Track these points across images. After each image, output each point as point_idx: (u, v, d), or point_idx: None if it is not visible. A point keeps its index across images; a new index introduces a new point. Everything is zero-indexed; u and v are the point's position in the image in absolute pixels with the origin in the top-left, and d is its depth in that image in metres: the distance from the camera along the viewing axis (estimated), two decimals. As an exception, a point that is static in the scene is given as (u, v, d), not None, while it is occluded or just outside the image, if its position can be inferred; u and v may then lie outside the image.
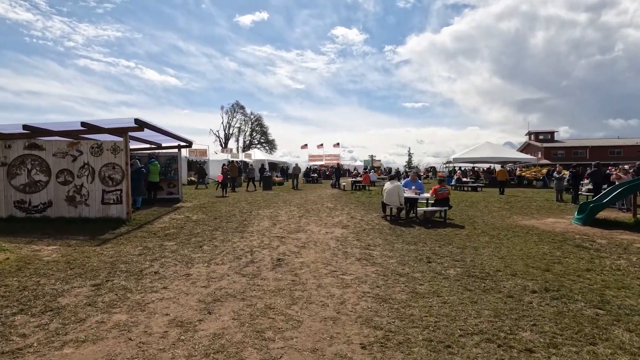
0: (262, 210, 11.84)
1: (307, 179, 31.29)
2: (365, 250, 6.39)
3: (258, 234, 7.71)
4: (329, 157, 57.31)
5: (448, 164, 32.94)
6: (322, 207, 12.95)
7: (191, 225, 8.74)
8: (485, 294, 4.16)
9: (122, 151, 8.75)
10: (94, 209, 8.75)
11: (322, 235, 7.73)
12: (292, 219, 9.94)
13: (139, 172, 11.12)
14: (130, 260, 5.41)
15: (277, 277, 4.76)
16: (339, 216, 10.61)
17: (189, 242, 6.82)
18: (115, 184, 8.78)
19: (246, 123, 68.08)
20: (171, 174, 14.13)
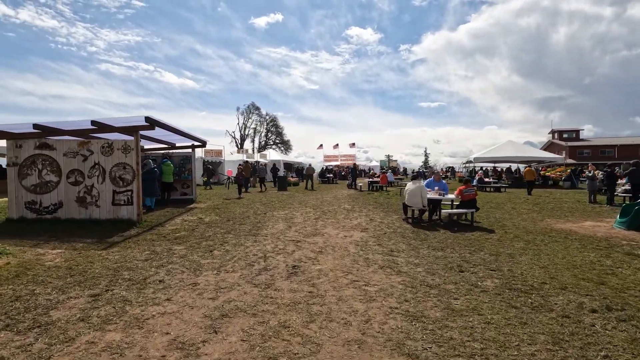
0: (277, 211, 11.41)
1: (322, 180, 30.80)
2: (388, 257, 5.84)
3: (272, 238, 7.26)
4: (344, 158, 56.70)
5: (468, 163, 31.88)
6: (339, 208, 12.43)
7: (203, 227, 8.37)
8: (534, 312, 3.57)
9: (133, 150, 8.46)
10: (104, 210, 8.48)
11: (341, 239, 7.22)
12: (308, 221, 9.46)
13: (152, 172, 10.85)
14: (135, 267, 5.03)
15: (292, 288, 4.28)
16: (357, 218, 10.07)
17: (199, 246, 6.43)
18: (126, 185, 8.50)
19: (261, 124, 68.24)
20: (185, 174, 13.88)
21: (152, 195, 10.99)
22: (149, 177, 10.72)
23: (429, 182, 10.20)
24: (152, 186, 10.86)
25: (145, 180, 10.73)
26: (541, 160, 28.51)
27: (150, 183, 10.72)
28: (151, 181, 10.78)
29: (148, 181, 10.69)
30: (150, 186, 10.82)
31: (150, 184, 10.77)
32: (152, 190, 10.91)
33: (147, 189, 10.67)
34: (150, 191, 10.82)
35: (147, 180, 10.73)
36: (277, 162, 35.93)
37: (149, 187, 10.77)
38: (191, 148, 13.89)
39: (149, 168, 10.77)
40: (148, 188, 10.67)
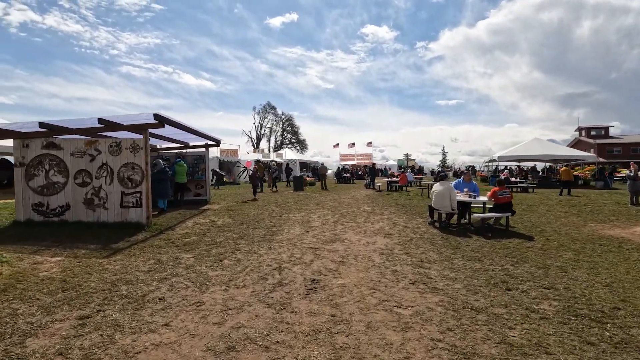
0: (293, 214, 10.82)
1: (339, 179, 30.12)
2: (419, 269, 5.15)
3: (288, 244, 6.65)
4: (360, 157, 55.83)
5: (491, 162, 30.59)
6: (358, 210, 11.74)
7: (215, 231, 7.85)
8: (618, 350, 2.83)
9: (142, 150, 8.01)
10: (112, 212, 8.06)
11: (363, 247, 6.55)
12: (327, 225, 8.82)
13: (163, 172, 10.42)
14: (135, 280, 4.50)
15: (311, 310, 3.65)
16: (379, 222, 9.37)
17: (208, 254, 5.87)
18: (134, 186, 8.05)
19: (277, 123, 68.16)
20: (198, 174, 13.46)
21: (164, 197, 10.55)
22: (160, 178, 10.30)
23: (458, 183, 9.40)
24: (164, 187, 10.43)
25: (156, 180, 10.32)
26: (569, 159, 27.02)
27: (161, 184, 10.30)
28: (163, 182, 10.35)
29: (159, 182, 10.28)
30: (162, 187, 10.39)
31: (162, 185, 10.35)
32: (164, 191, 10.49)
33: (158, 190, 10.26)
34: (162, 192, 10.40)
35: (158, 181, 10.32)
36: (293, 161, 35.48)
37: (161, 188, 10.35)
38: (205, 147, 13.45)
39: (159, 168, 10.35)
40: (159, 189, 10.26)
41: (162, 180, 10.27)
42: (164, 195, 10.50)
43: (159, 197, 10.26)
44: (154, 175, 10.23)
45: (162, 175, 10.37)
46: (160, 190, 10.25)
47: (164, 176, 10.41)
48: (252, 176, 15.51)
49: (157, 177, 10.29)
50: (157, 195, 10.15)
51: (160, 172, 10.38)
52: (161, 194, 10.36)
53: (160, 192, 10.25)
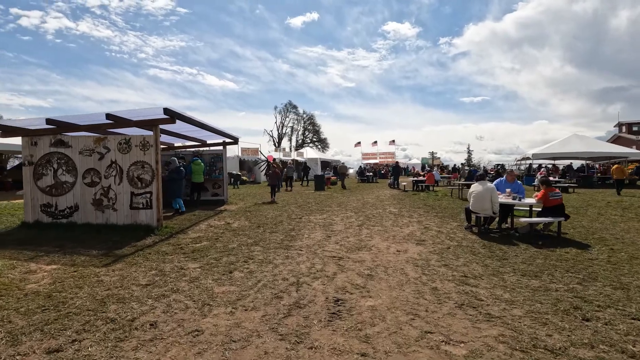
0: (314, 215, 10.07)
1: (361, 178, 29.18)
2: (464, 286, 4.27)
3: (308, 252, 5.90)
4: (383, 155, 54.61)
5: (524, 160, 28.81)
6: (384, 212, 10.86)
7: (228, 235, 7.20)
8: None
9: (152, 147, 7.47)
10: (122, 214, 7.57)
11: (393, 256, 5.72)
12: (351, 229, 8.02)
13: (178, 171, 9.91)
14: (128, 296, 3.86)
15: (336, 344, 2.88)
16: (409, 225, 8.48)
17: (218, 263, 5.20)
18: (144, 186, 7.52)
19: (298, 122, 67.87)
20: (216, 173, 12.94)
21: (180, 195, 10.03)
22: (175, 177, 9.79)
23: (499, 183, 8.36)
24: (179, 187, 9.91)
25: (172, 180, 9.82)
26: (611, 156, 24.99)
27: (175, 183, 9.79)
28: (177, 181, 9.84)
29: (174, 181, 9.78)
30: (178, 187, 9.88)
31: (177, 185, 9.83)
32: (179, 191, 9.97)
33: (173, 190, 9.76)
34: (177, 192, 9.88)
35: (173, 181, 9.82)
36: (314, 160, 34.81)
37: (176, 188, 9.83)
38: (222, 145, 12.92)
39: (174, 166, 9.84)
40: (174, 189, 9.75)
41: (176, 180, 9.76)
42: (179, 195, 9.96)
43: (174, 197, 9.76)
44: (169, 175, 9.75)
45: (176, 175, 9.86)
46: (175, 190, 9.75)
47: (178, 175, 9.90)
48: (272, 175, 14.48)
49: (172, 176, 9.81)
50: (170, 196, 9.66)
51: (174, 171, 9.88)
52: (177, 194, 9.85)
53: (175, 193, 9.74)
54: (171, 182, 9.79)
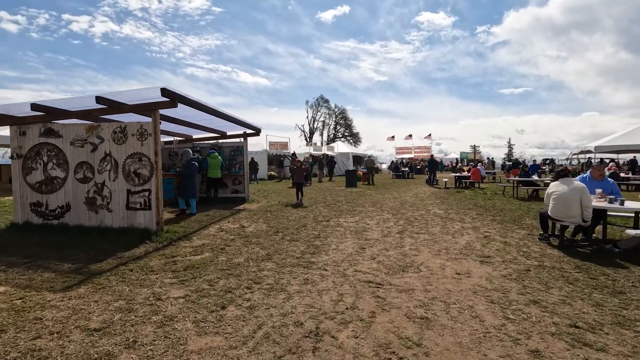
0: (345, 217, 8.55)
1: (396, 174, 27.22)
2: (583, 349, 2.62)
3: (335, 273, 4.41)
4: (418, 150, 51.95)
5: (582, 154, 25.60)
6: (427, 214, 9.15)
7: (238, 244, 5.86)
8: None
9: (151, 136, 6.25)
10: (117, 215, 6.44)
11: (453, 282, 4.10)
12: (390, 237, 6.43)
13: (189, 166, 8.71)
14: (55, 356, 2.54)
15: None
16: (463, 233, 6.76)
17: (211, 290, 3.82)
18: (142, 182, 6.34)
19: (330, 116, 66.42)
20: (235, 168, 11.72)
21: (190, 196, 8.76)
22: (184, 173, 8.60)
23: (582, 180, 6.42)
24: (190, 184, 8.75)
25: (183, 176, 8.64)
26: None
27: (188, 180, 8.59)
28: (189, 177, 8.63)
29: (186, 177, 8.58)
30: (189, 184, 8.71)
31: (189, 181, 8.66)
32: (191, 189, 8.78)
33: (186, 187, 8.55)
34: (188, 190, 8.74)
35: (184, 177, 8.63)
36: (346, 154, 33.21)
37: (188, 184, 8.66)
38: (243, 137, 11.66)
39: (186, 159, 8.64)
40: (186, 185, 8.55)
41: (187, 176, 8.54)
42: (191, 193, 8.76)
43: (184, 196, 8.55)
44: (182, 170, 8.58)
45: (185, 170, 8.64)
46: (187, 188, 8.54)
47: (187, 170, 8.65)
48: (297, 171, 11.87)
49: (184, 172, 8.62)
50: (183, 194, 8.47)
51: (187, 165, 8.66)
52: (188, 192, 8.68)
53: (185, 190, 8.55)
54: (183, 178, 8.61)
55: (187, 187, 8.56)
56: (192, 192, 8.68)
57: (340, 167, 31.00)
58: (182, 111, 8.13)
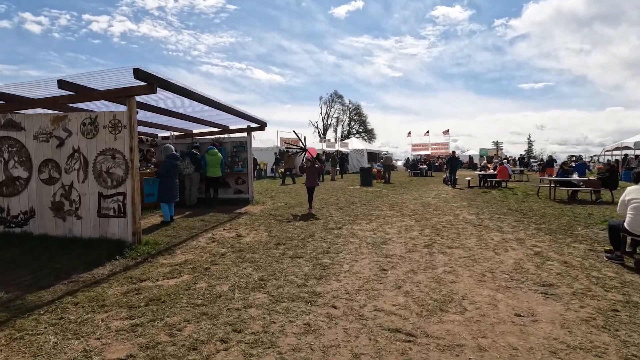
0: (360, 224, 7.33)
1: (413, 172, 25.76)
2: None
3: (347, 313, 3.21)
4: (435, 146, 50.13)
5: (618, 150, 23.62)
6: (456, 219, 7.84)
7: (227, 262, 4.71)
8: None
9: (125, 129, 5.16)
10: (87, 223, 5.39)
11: (515, 333, 2.84)
12: (416, 253, 5.18)
13: (166, 165, 7.44)
14: None
15: None
16: (506, 247, 5.46)
17: (169, 344, 2.67)
18: (116, 184, 5.26)
19: (344, 112, 65.03)
20: (239, 165, 10.61)
21: (168, 200, 7.30)
22: (161, 172, 7.42)
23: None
24: (163, 185, 7.33)
25: (158, 175, 7.49)
26: None
27: (167, 181, 7.33)
28: (167, 178, 7.34)
29: (167, 178, 7.36)
30: (168, 186, 7.32)
31: (167, 183, 7.32)
32: (163, 192, 7.32)
33: (158, 191, 7.40)
34: (160, 193, 7.37)
35: (160, 176, 7.44)
36: (360, 151, 31.87)
37: (160, 186, 7.38)
38: (247, 131, 10.54)
39: (168, 155, 7.45)
40: (166, 187, 7.33)
41: (164, 176, 7.32)
42: (169, 197, 7.29)
43: (161, 199, 7.38)
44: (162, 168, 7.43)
45: (162, 169, 7.43)
46: (166, 188, 7.31)
47: (164, 170, 7.38)
48: (310, 171, 9.11)
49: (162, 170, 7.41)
50: (159, 198, 7.35)
51: (166, 163, 7.42)
52: (166, 196, 7.30)
53: (164, 194, 7.32)
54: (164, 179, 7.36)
55: (159, 189, 7.38)
56: (163, 195, 7.28)
57: (355, 165, 29.71)
58: (176, 102, 7.06)
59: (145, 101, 6.98)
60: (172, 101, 7.21)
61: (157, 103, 7.39)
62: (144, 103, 7.13)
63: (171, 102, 7.36)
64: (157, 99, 6.69)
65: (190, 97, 6.08)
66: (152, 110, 7.62)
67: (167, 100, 7.00)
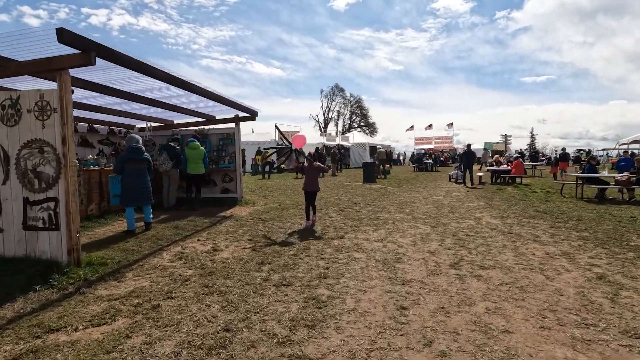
0: (365, 231, 6.06)
1: (418, 167, 24.46)
2: None
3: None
4: (439, 140, 48.68)
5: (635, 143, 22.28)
6: (479, 225, 6.57)
7: (187, 297, 3.44)
8: None
9: (56, 113, 3.88)
10: (10, 238, 4.13)
11: None
12: (441, 277, 3.90)
13: (119, 159, 6.14)
14: None
15: None
16: (556, 267, 4.20)
17: None
18: (45, 187, 3.99)
19: (345, 106, 63.58)
20: (225, 161, 9.31)
21: (124, 202, 6.00)
22: (118, 167, 6.05)
23: None
24: (128, 185, 5.98)
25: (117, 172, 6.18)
26: None
27: (126, 179, 6.00)
28: (132, 176, 5.98)
29: (125, 175, 6.01)
30: (126, 186, 5.99)
31: (126, 182, 5.99)
32: (127, 192, 5.98)
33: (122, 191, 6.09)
34: (124, 195, 6.02)
35: (120, 174, 6.14)
36: (362, 145, 30.55)
37: (125, 186, 6.02)
38: (234, 122, 9.22)
39: (128, 146, 6.14)
40: (123, 189, 6.03)
41: (132, 174, 6.02)
42: (131, 199, 5.97)
43: (121, 202, 6.06)
44: (119, 163, 6.11)
45: (118, 164, 6.09)
46: (126, 190, 5.99)
47: (120, 166, 6.06)
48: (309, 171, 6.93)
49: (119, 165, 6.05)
50: (121, 200, 6.07)
51: (124, 156, 6.04)
52: (122, 196, 6.02)
53: (122, 194, 6.03)
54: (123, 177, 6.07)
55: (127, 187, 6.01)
56: (122, 196, 5.99)
57: (357, 159, 28.40)
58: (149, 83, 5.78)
59: (109, 83, 5.70)
60: (145, 84, 5.92)
61: (128, 86, 6.10)
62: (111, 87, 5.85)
63: (145, 85, 6.08)
64: (123, 78, 5.40)
65: (151, 74, 4.79)
66: (122, 96, 6.34)
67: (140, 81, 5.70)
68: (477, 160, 24.15)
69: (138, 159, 6.06)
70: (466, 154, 15.18)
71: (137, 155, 6.05)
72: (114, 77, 5.26)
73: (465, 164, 14.80)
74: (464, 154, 15.41)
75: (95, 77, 5.29)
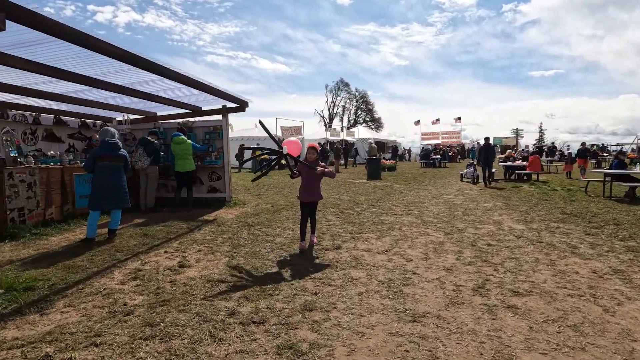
0: (366, 239, 5.11)
1: (426, 162, 23.40)
2: None
3: None
4: (446, 135, 47.37)
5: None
6: (500, 232, 5.59)
7: (119, 341, 2.51)
8: None
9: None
10: None
11: None
12: (463, 308, 2.94)
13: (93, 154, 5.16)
14: None
15: None
16: (610, 291, 3.23)
17: None
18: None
19: (351, 101, 62.44)
20: (211, 157, 8.37)
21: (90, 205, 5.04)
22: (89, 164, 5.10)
23: None
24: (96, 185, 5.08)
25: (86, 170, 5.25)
26: None
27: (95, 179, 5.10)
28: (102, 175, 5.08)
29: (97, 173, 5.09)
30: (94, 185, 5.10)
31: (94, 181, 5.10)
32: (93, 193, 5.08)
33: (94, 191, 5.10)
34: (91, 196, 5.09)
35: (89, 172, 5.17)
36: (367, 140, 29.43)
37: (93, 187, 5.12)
38: (222, 113, 8.28)
39: (101, 140, 5.19)
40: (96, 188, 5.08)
41: (105, 172, 5.11)
42: (90, 201, 5.06)
43: (91, 205, 5.15)
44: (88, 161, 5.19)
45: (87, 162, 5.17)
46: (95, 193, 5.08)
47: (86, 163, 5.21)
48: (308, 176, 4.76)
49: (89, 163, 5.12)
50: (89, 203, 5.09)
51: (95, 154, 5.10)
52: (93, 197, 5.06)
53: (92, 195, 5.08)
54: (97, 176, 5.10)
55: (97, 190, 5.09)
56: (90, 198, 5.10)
57: (362, 155, 27.37)
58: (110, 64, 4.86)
59: (57, 64, 4.79)
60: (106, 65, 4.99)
61: (85, 69, 5.19)
62: (60, 69, 4.93)
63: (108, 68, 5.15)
64: (75, 55, 4.48)
65: (96, 48, 3.84)
66: (78, 80, 5.43)
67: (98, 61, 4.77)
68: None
69: (112, 155, 5.14)
70: (485, 148, 13.15)
71: (111, 151, 5.13)
72: (60, 55, 4.34)
73: (484, 160, 12.67)
74: (483, 148, 13.39)
75: (37, 56, 4.37)
